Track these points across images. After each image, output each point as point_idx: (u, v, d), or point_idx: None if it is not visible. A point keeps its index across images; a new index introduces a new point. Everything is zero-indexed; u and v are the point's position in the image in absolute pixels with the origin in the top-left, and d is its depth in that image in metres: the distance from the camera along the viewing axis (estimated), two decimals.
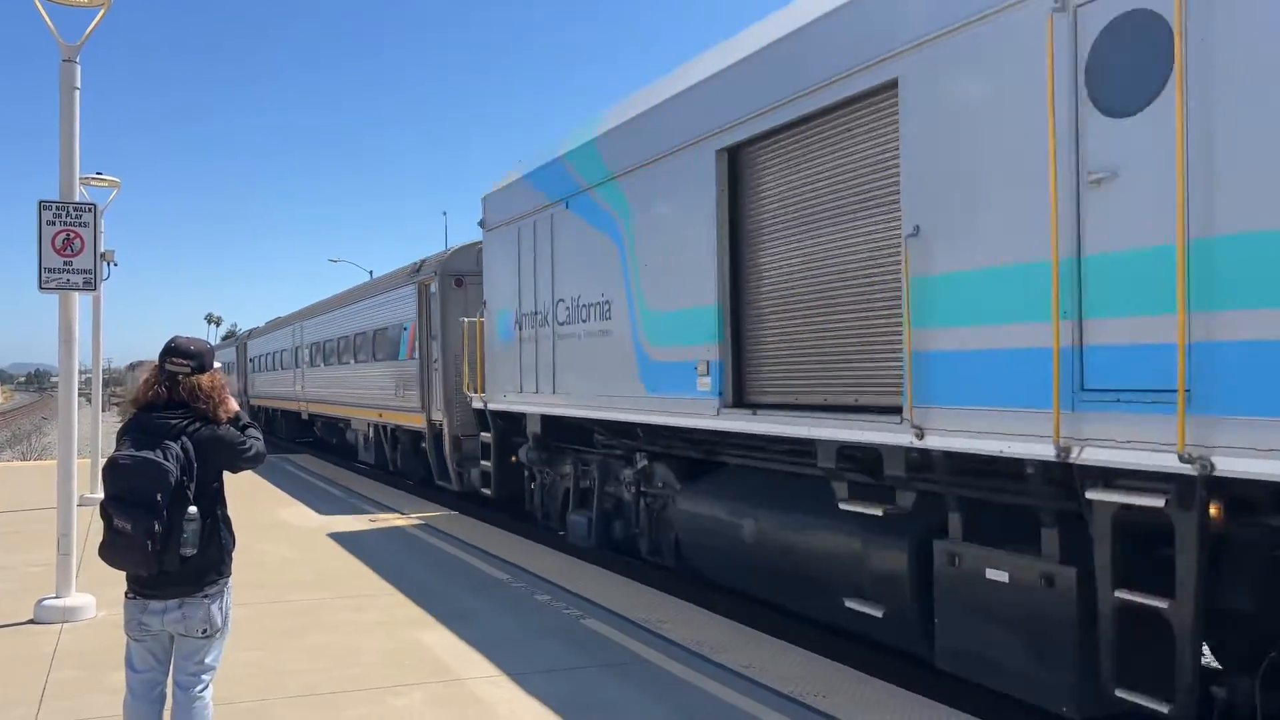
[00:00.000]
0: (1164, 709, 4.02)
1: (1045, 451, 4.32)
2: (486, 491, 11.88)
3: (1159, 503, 3.97)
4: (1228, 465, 3.69)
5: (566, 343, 8.94)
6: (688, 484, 7.90)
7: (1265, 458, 3.57)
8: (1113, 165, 4.08)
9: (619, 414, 8.05)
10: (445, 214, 68.00)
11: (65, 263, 6.93)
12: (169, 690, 3.95)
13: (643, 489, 8.55)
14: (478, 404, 11.36)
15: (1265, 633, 4.20)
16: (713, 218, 6.69)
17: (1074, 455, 4.23)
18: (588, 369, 8.58)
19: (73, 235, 6.94)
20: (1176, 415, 3.77)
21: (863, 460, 5.66)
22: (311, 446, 24.48)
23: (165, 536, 3.68)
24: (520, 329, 9.93)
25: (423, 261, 14.89)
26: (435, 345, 13.52)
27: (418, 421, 14.22)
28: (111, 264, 13.84)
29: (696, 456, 7.71)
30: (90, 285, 7.00)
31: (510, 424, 11.10)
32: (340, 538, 10.59)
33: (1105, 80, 4.11)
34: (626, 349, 7.83)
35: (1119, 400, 4.06)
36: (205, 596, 3.89)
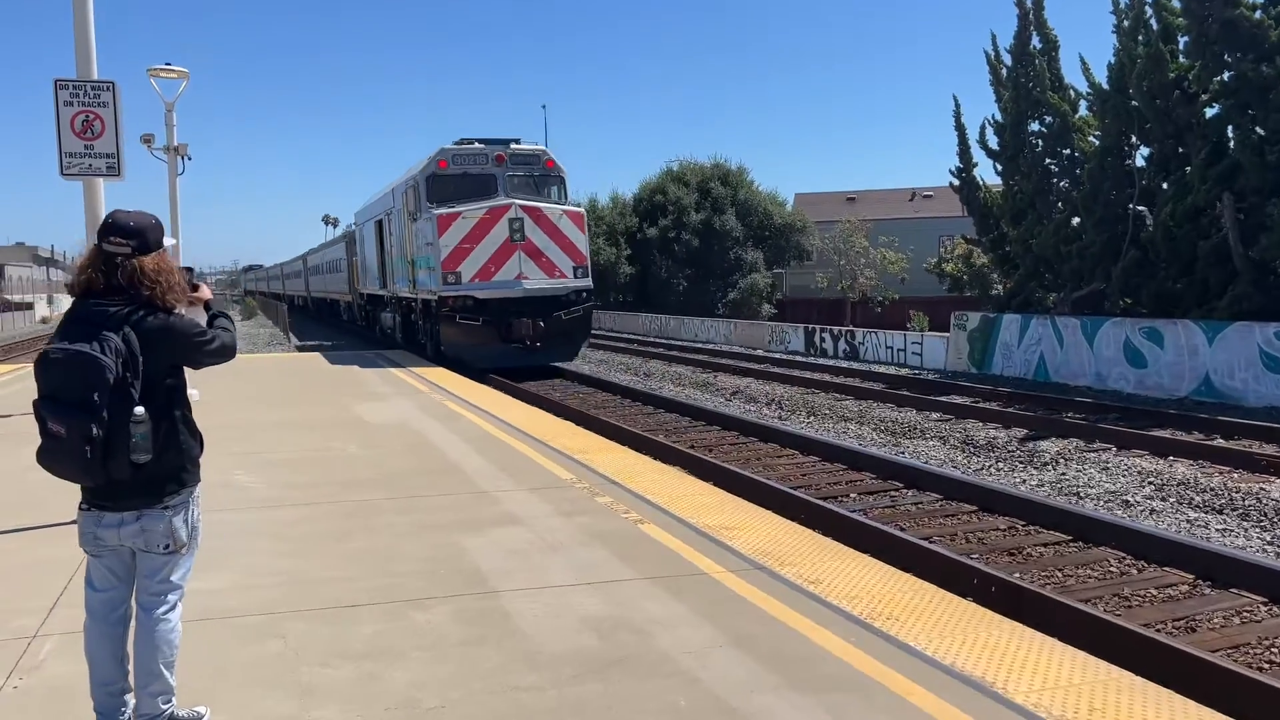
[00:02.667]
0: None
1: None
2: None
3: None
4: None
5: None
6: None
7: None
8: None
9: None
10: (544, 106, 66.82)
11: (86, 146, 6.51)
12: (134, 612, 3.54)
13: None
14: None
15: None
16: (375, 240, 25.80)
17: None
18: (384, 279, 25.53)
19: (92, 116, 6.49)
20: None
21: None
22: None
23: (108, 441, 3.21)
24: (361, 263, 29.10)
25: (348, 230, 35.29)
26: (354, 266, 32.49)
27: (348, 298, 35.59)
28: (186, 158, 13.63)
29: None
30: (114, 170, 6.58)
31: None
32: (411, 434, 10.31)
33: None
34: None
35: None
36: (166, 508, 3.43)
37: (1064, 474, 10.47)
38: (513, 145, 21.26)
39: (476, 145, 20.99)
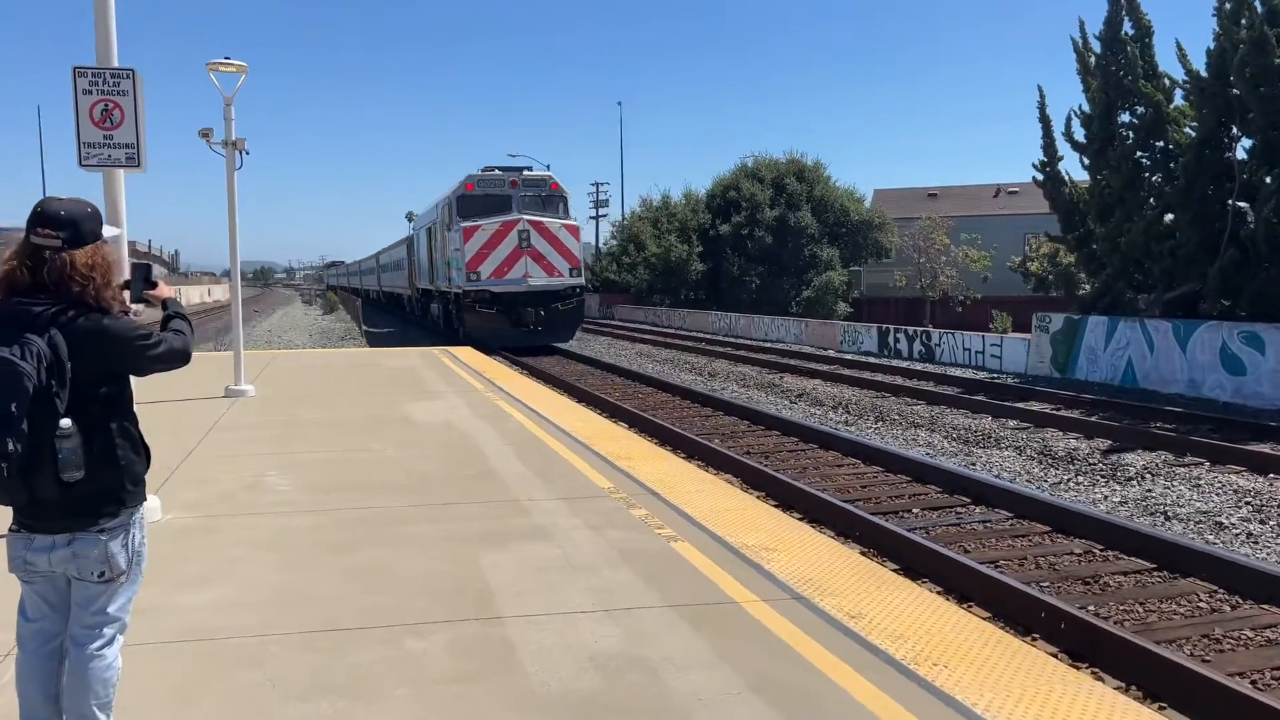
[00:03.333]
0: None
1: None
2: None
3: None
4: None
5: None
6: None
7: None
8: None
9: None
10: (620, 104, 66.53)
11: (105, 136, 6.28)
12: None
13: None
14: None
15: None
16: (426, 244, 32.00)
17: None
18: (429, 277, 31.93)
19: (111, 105, 6.26)
20: None
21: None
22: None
23: (30, 457, 2.86)
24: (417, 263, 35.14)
25: (409, 234, 39.93)
26: (412, 265, 36.88)
27: (408, 292, 40.44)
28: (244, 152, 13.53)
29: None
30: (134, 161, 6.33)
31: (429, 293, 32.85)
32: (454, 435, 9.99)
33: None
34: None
35: None
36: (102, 531, 3.07)
37: (1150, 491, 9.66)
38: (525, 172, 27.38)
39: (496, 172, 26.88)
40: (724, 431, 13.08)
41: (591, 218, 72.35)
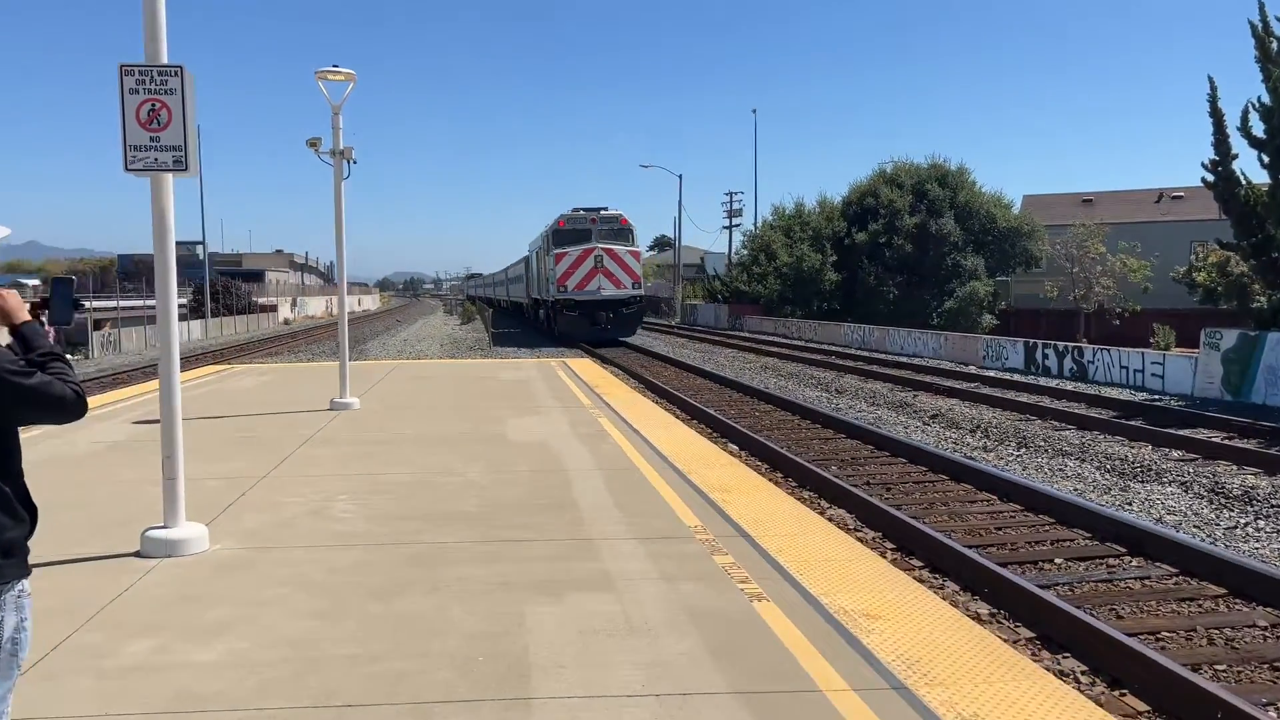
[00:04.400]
0: None
1: None
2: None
3: None
4: None
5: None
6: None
7: None
8: None
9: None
10: (754, 111, 65.29)
11: (152, 138, 5.86)
12: None
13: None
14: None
15: None
16: (537, 263, 42.43)
17: None
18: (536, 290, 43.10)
19: (159, 105, 5.84)
20: None
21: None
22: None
23: None
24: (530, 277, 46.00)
25: (526, 255, 49.44)
26: (528, 279, 47.15)
27: (525, 301, 49.97)
28: (351, 161, 13.33)
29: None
30: (181, 165, 5.90)
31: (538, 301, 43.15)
32: (545, 457, 9.33)
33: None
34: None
35: None
36: None
37: None
38: (601, 211, 37.14)
39: (580, 212, 37.12)
40: (843, 457, 12.02)
41: (724, 228, 71.49)
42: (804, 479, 10.24)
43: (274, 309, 73.53)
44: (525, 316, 52.78)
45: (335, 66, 13.05)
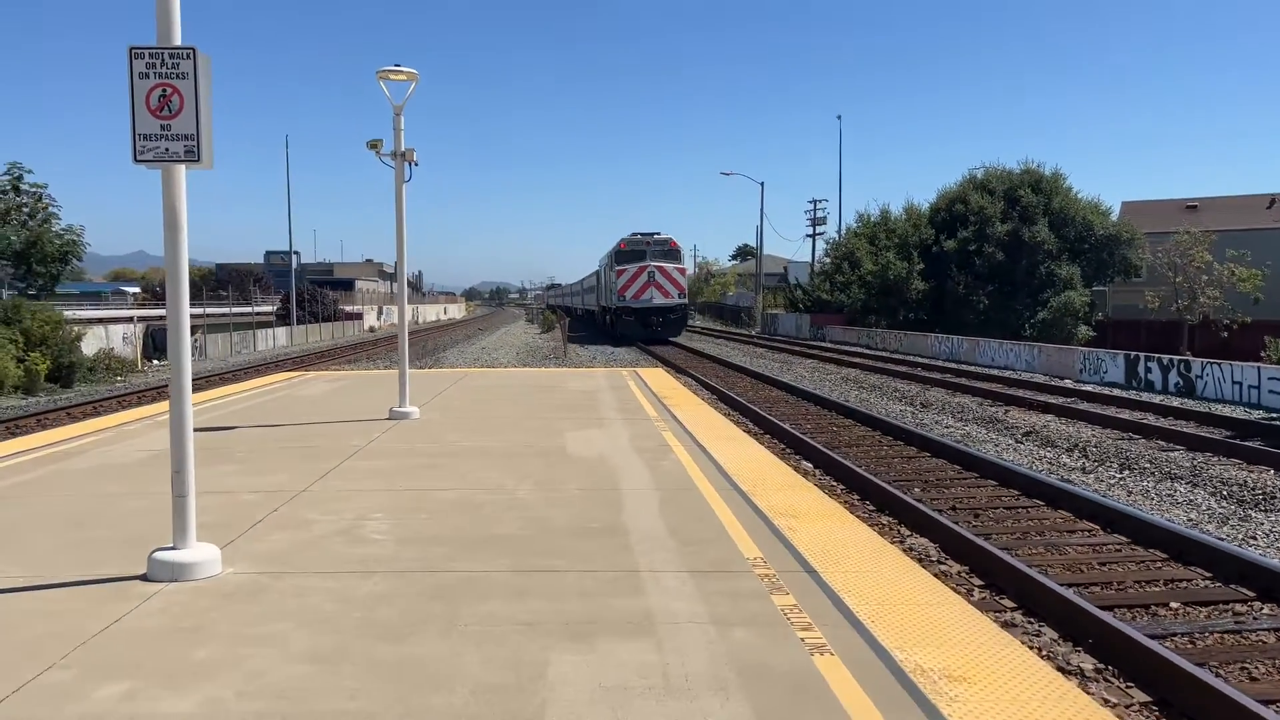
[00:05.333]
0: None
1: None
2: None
3: None
4: None
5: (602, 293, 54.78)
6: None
7: None
8: None
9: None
10: (839, 117, 64.15)
11: (163, 126, 5.43)
12: None
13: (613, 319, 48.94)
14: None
15: None
16: (605, 276, 52.01)
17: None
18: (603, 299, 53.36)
19: (170, 91, 5.40)
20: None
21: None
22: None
23: None
24: (600, 288, 55.75)
25: (597, 269, 58.59)
26: (598, 290, 56.74)
27: (595, 309, 59.31)
28: (413, 164, 12.96)
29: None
30: (193, 155, 5.44)
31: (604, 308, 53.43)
32: (601, 474, 8.71)
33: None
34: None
35: None
36: None
37: None
38: (654, 236, 46.28)
39: (638, 236, 46.26)
40: (927, 478, 11.13)
41: (808, 236, 70.25)
42: (883, 503, 9.42)
43: (360, 317, 74.76)
44: (595, 322, 60.81)
45: (398, 65, 12.70)
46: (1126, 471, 12.00)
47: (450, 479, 8.56)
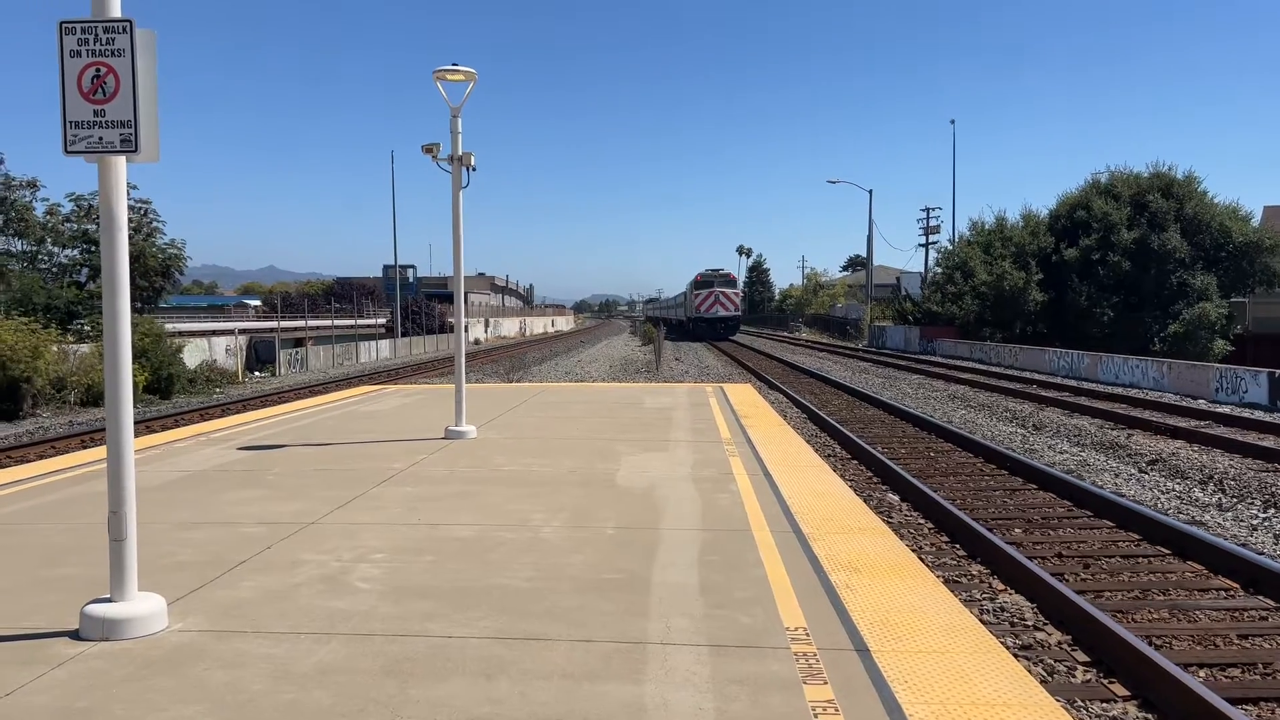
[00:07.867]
0: None
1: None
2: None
3: None
4: None
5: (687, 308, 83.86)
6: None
7: None
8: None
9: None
10: (953, 121, 61.73)
11: (96, 112, 4.69)
12: None
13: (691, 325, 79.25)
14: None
15: None
16: (688, 296, 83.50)
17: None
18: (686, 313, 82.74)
19: (104, 71, 4.66)
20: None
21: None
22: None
23: None
24: (687, 303, 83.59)
25: (684, 290, 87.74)
26: (685, 305, 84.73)
27: (683, 319, 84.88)
28: (470, 168, 12.23)
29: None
30: (130, 145, 4.69)
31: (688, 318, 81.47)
32: (645, 509, 7.71)
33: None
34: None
35: None
36: None
37: None
38: (719, 271, 77.47)
39: (708, 271, 77.28)
40: (1031, 516, 9.73)
41: (920, 245, 67.84)
42: (973, 549, 8.12)
43: (466, 329, 75.56)
44: (683, 328, 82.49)
45: (455, 65, 12.00)
46: (1272, 510, 10.34)
47: (474, 512, 7.68)
